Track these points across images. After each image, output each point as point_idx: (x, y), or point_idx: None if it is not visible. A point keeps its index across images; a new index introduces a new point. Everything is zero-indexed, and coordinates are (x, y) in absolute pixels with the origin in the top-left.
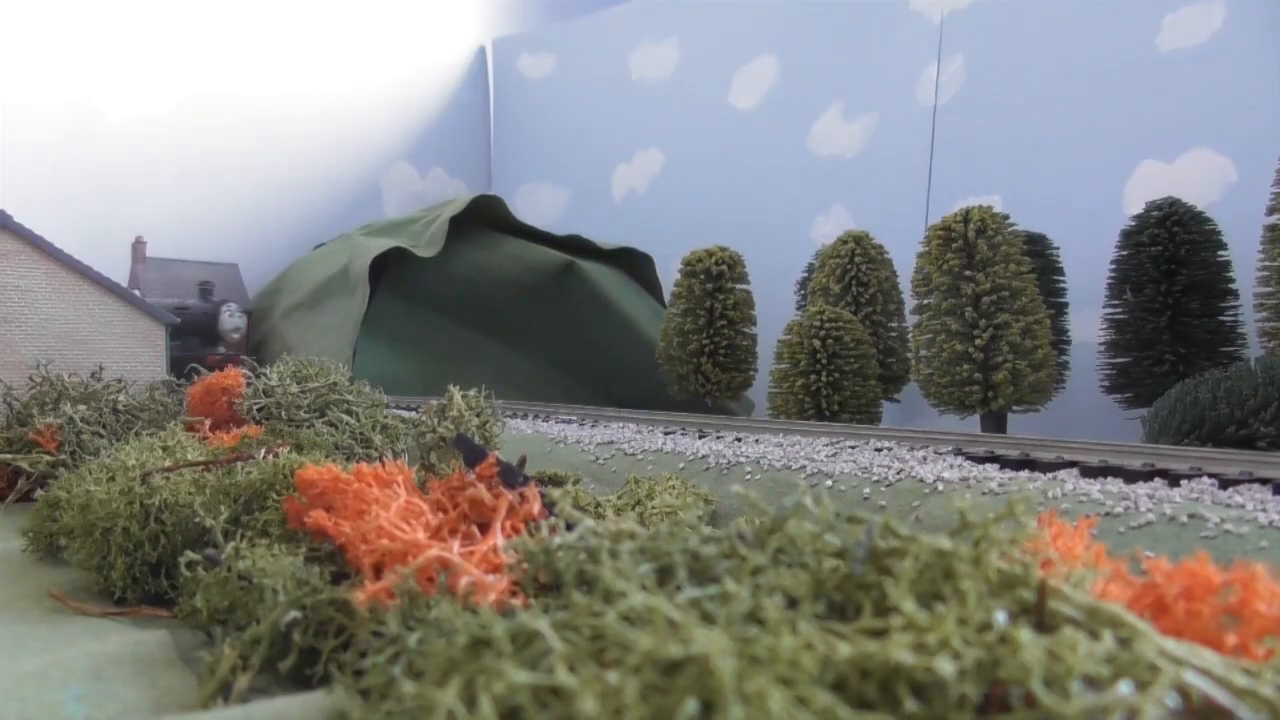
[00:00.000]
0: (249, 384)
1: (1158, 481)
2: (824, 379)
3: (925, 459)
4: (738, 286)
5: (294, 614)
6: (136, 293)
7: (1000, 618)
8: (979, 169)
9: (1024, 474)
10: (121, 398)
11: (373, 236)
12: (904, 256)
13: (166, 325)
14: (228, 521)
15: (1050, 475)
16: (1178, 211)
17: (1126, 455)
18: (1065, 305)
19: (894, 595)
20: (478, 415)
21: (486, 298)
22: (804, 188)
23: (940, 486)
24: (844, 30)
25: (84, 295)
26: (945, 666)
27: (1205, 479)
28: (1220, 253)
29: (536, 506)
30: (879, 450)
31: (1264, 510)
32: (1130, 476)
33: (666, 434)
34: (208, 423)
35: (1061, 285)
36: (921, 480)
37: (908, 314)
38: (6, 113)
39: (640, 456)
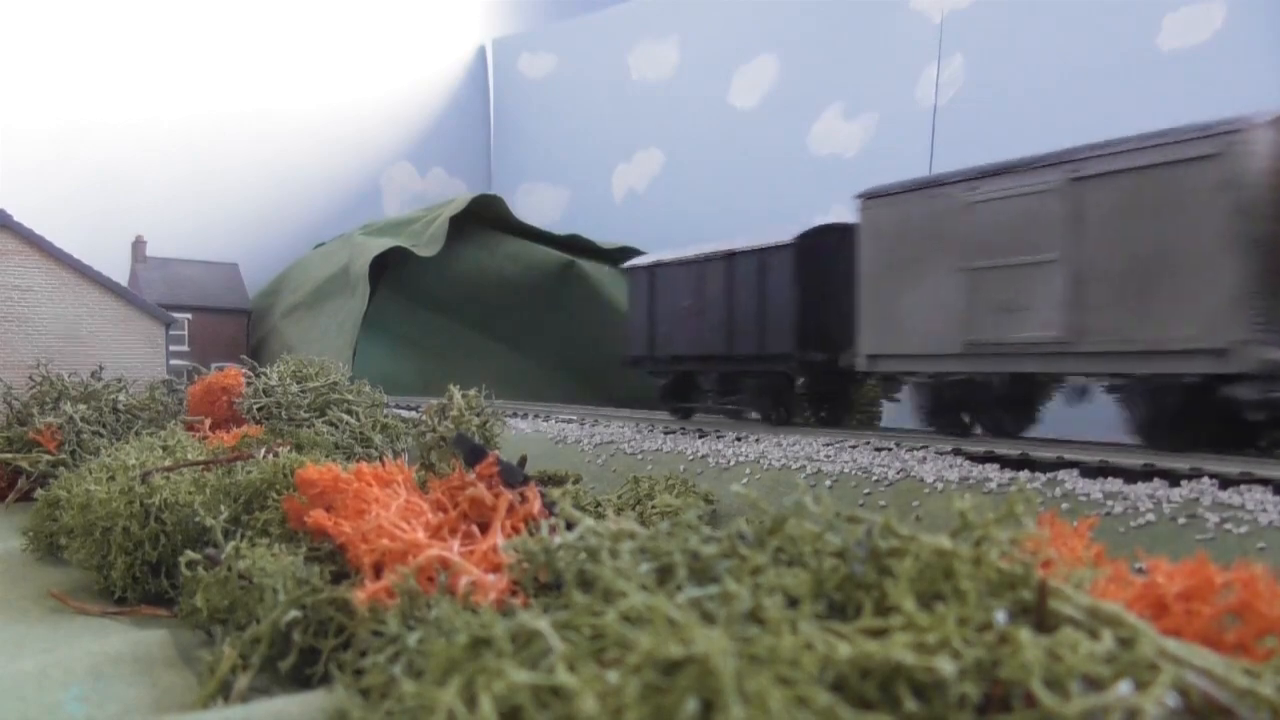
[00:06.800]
0: (249, 384)
1: (1158, 481)
2: None
3: (925, 459)
4: None
5: (294, 613)
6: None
7: (1000, 618)
8: None
9: (1024, 474)
10: (121, 397)
11: (373, 236)
12: None
13: (166, 325)
14: (228, 521)
15: (1050, 475)
16: None
17: (1126, 455)
18: None
19: (894, 595)
20: (478, 415)
21: (487, 297)
22: (804, 187)
23: (940, 486)
24: (844, 30)
25: (84, 295)
26: (945, 666)
27: (1205, 479)
28: None
29: (536, 506)
30: (879, 450)
31: (1264, 510)
32: (1130, 476)
33: (666, 434)
34: (208, 422)
35: None
36: (921, 480)
37: None
38: (8, 113)
39: (640, 456)
